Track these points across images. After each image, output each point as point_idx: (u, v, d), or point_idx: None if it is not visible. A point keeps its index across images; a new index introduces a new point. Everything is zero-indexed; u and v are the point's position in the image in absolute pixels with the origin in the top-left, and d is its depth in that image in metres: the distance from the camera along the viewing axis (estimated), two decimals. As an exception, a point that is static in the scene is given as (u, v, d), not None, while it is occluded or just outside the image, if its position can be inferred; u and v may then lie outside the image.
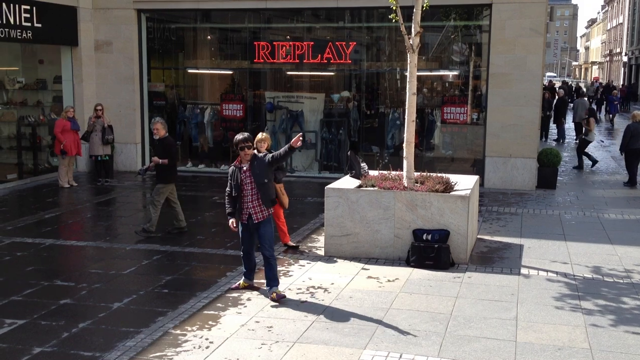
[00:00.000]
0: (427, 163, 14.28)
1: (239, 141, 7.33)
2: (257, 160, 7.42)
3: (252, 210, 7.37)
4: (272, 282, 7.46)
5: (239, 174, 7.37)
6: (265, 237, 7.46)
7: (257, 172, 7.35)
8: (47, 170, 15.55)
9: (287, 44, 15.81)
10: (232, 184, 7.44)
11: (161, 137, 10.21)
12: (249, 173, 7.35)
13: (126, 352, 5.98)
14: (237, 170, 7.39)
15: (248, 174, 7.35)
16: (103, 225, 11.18)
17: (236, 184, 7.37)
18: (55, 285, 7.88)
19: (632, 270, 8.59)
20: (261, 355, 5.94)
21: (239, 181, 7.34)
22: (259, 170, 7.36)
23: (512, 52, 13.96)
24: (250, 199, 7.36)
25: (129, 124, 16.22)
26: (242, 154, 7.33)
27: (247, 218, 7.42)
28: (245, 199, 7.38)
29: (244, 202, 7.39)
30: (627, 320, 6.88)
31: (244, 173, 7.36)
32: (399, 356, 5.93)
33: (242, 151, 7.32)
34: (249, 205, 7.37)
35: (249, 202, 7.37)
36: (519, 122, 14.06)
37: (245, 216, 7.42)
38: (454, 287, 7.85)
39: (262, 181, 7.35)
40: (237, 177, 7.36)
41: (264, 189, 7.38)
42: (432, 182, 9.06)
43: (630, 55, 57.90)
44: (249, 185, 7.35)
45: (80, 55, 15.88)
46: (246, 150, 7.31)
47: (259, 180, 7.34)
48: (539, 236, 10.30)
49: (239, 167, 7.40)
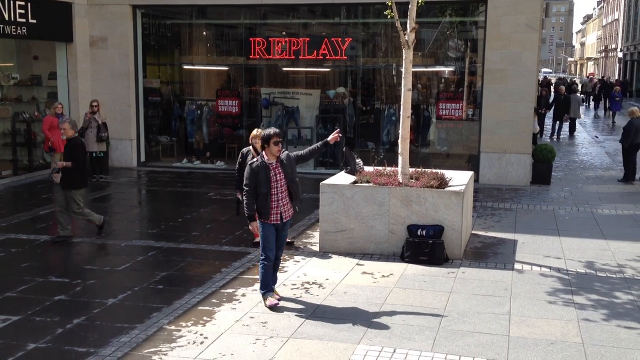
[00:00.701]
0: (423, 159, 14.32)
1: (271, 135, 6.84)
2: (285, 157, 7.01)
3: (283, 208, 6.98)
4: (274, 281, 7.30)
5: (266, 170, 6.86)
6: (285, 239, 7.32)
7: (288, 170, 6.96)
8: (42, 166, 15.52)
9: (283, 40, 15.81)
10: (256, 181, 6.88)
11: (69, 138, 9.57)
12: (279, 170, 6.92)
13: (120, 348, 5.99)
14: (264, 166, 6.87)
15: (279, 171, 6.91)
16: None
17: (265, 180, 6.86)
18: (49, 282, 7.89)
19: (624, 265, 8.63)
20: (255, 351, 5.96)
21: (269, 177, 6.87)
22: (291, 168, 7.00)
23: (508, 48, 13.99)
24: (281, 196, 6.94)
25: (124, 120, 16.21)
26: (276, 149, 6.86)
27: (278, 218, 6.99)
28: (274, 197, 6.91)
29: (273, 200, 6.92)
30: (619, 314, 6.92)
31: (273, 169, 6.90)
32: (392, 351, 5.96)
33: (276, 146, 6.84)
34: (280, 203, 6.95)
35: (280, 201, 6.95)
36: (514, 118, 14.09)
37: (276, 216, 6.96)
38: (448, 282, 7.88)
39: (294, 179, 7.02)
40: (266, 173, 6.86)
41: (295, 187, 7.05)
42: (427, 177, 9.08)
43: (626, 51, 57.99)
44: (278, 182, 6.91)
45: (75, 51, 15.85)
46: (279, 145, 6.89)
47: (292, 177, 6.98)
48: (532, 231, 10.33)
49: (265, 162, 6.90)
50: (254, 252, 9.10)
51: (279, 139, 6.87)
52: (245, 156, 9.08)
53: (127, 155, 16.40)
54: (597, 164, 17.93)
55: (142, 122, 16.65)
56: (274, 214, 6.95)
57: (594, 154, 20.10)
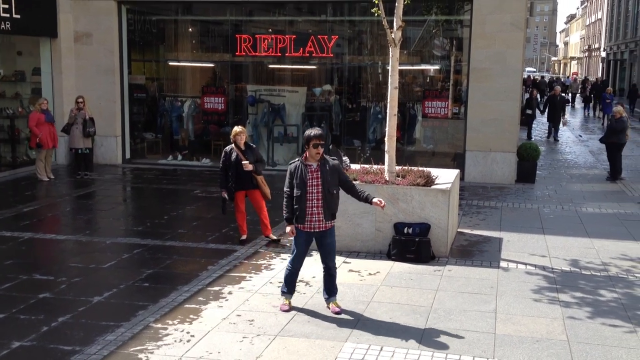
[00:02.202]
0: (409, 157, 14.34)
1: (311, 137, 6.53)
2: (330, 165, 6.64)
3: (317, 217, 6.59)
4: (331, 292, 6.95)
5: (305, 171, 6.57)
6: (332, 247, 6.83)
7: (328, 178, 6.56)
8: (25, 163, 15.39)
9: (269, 37, 15.76)
10: (293, 183, 6.61)
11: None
12: (317, 174, 6.57)
13: (106, 346, 5.95)
14: (304, 167, 6.58)
15: (316, 175, 6.56)
16: (83, 219, 11.10)
17: (300, 182, 6.55)
18: (34, 279, 7.82)
19: (609, 263, 8.71)
20: (242, 349, 5.95)
21: (305, 180, 6.55)
22: (331, 177, 6.59)
23: (493, 47, 14.05)
24: (316, 204, 6.56)
25: (109, 116, 16.08)
26: (314, 151, 6.54)
27: (311, 226, 6.64)
28: (309, 204, 6.56)
29: (307, 206, 6.58)
30: (604, 312, 6.98)
31: (311, 173, 6.57)
32: (379, 349, 5.97)
33: (314, 149, 6.52)
34: (314, 211, 6.58)
35: (313, 208, 6.57)
36: (499, 116, 14.16)
37: (310, 223, 6.61)
38: (435, 280, 7.91)
39: (331, 190, 6.60)
40: (303, 174, 6.56)
41: (329, 199, 6.61)
42: (414, 176, 9.10)
43: (609, 50, 58.49)
44: (315, 188, 6.55)
45: (59, 46, 15.72)
46: (319, 148, 6.53)
47: (328, 187, 6.57)
48: (518, 230, 10.40)
49: (305, 164, 6.61)
50: (241, 249, 9.09)
51: (318, 142, 6.50)
52: (229, 154, 9.17)
53: (112, 152, 16.29)
54: (581, 162, 18.08)
55: (127, 118, 16.54)
56: (307, 221, 6.61)
57: (577, 152, 20.25)
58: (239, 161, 9.08)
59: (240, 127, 9.31)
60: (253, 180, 9.25)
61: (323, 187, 6.55)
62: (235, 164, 9.10)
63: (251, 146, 9.37)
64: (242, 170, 9.07)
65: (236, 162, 9.10)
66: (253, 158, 9.20)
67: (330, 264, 6.86)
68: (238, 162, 9.08)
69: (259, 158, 9.38)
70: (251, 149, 9.33)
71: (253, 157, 9.21)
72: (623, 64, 50.85)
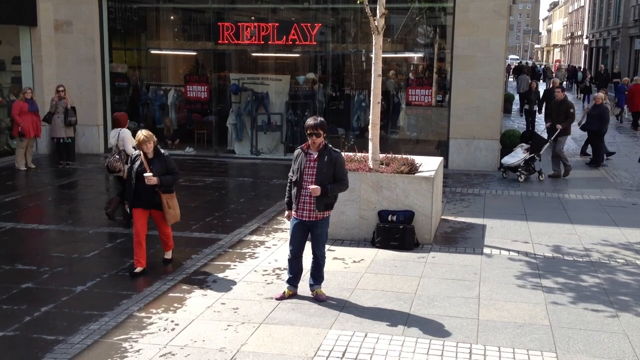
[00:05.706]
0: (393, 145, 14.34)
1: (306, 126, 6.55)
2: (331, 156, 6.58)
3: (308, 206, 6.60)
4: (317, 279, 6.92)
5: (304, 158, 6.60)
6: (322, 238, 6.78)
7: (324, 169, 6.52)
8: (6, 152, 15.23)
9: (252, 25, 15.67)
10: (294, 168, 6.68)
11: None
12: (314, 164, 6.55)
13: (90, 335, 5.92)
14: (303, 155, 6.61)
15: (313, 165, 6.55)
16: (65, 209, 11.02)
17: (298, 167, 6.59)
18: (16, 269, 7.76)
19: (591, 249, 8.78)
20: (227, 337, 5.94)
21: (302, 166, 6.57)
22: (327, 169, 6.54)
23: (476, 35, 14.07)
24: (308, 193, 6.54)
25: (90, 105, 15.94)
26: (310, 140, 6.54)
27: (301, 214, 6.66)
28: (303, 192, 6.58)
29: (300, 194, 6.61)
30: (586, 297, 7.05)
31: (309, 161, 6.57)
32: (364, 335, 5.99)
33: (309, 138, 6.51)
34: (306, 200, 6.58)
35: (306, 197, 6.57)
36: (482, 104, 14.20)
37: (301, 212, 6.64)
38: (419, 267, 7.94)
39: (324, 182, 6.53)
40: (302, 161, 6.59)
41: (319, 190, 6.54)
42: (397, 163, 9.11)
43: (592, 38, 58.79)
44: (309, 177, 6.54)
45: (39, 35, 15.53)
46: (314, 138, 6.48)
47: (321, 178, 6.52)
48: (501, 216, 10.46)
49: (306, 151, 6.62)
50: (224, 238, 9.06)
51: (313, 132, 6.47)
52: (133, 161, 7.71)
53: (94, 142, 16.16)
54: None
55: (109, 107, 16.38)
56: (299, 209, 6.64)
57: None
58: (142, 172, 7.50)
59: (144, 134, 7.55)
60: (156, 198, 7.61)
61: (316, 178, 6.53)
62: (137, 175, 7.55)
63: (162, 155, 7.69)
64: (144, 183, 7.45)
65: (137, 172, 7.55)
66: (162, 170, 7.55)
67: (318, 252, 6.84)
68: (140, 172, 7.52)
69: (170, 170, 7.67)
70: (161, 158, 7.64)
71: (162, 169, 7.56)
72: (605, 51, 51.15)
